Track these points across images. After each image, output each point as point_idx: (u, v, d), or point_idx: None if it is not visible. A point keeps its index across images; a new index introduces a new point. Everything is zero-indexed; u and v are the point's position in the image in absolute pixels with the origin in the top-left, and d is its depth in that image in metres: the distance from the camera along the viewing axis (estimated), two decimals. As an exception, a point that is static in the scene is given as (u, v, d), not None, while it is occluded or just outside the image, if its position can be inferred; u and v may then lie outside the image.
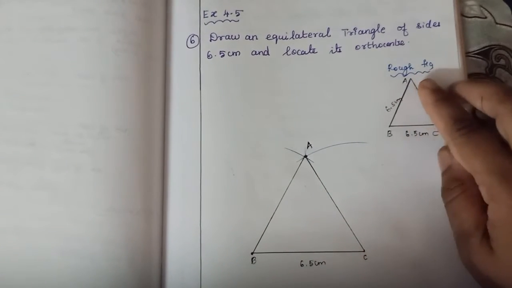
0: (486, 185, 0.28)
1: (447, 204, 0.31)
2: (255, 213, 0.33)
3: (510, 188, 0.27)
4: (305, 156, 0.34)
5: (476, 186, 0.29)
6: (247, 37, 0.36)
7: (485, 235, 0.28)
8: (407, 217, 0.33)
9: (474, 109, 0.32)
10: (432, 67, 0.35)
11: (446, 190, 0.31)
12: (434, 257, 0.32)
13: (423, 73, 0.35)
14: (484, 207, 0.29)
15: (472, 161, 0.29)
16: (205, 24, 0.36)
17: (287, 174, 0.34)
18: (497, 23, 0.36)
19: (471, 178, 0.29)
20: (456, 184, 0.30)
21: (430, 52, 0.35)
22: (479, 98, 0.30)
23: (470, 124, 0.30)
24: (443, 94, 0.32)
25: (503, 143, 0.29)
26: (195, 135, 0.35)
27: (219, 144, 0.35)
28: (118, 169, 0.33)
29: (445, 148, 0.32)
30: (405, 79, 0.35)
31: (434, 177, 0.32)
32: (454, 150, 0.30)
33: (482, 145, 0.29)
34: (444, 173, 0.32)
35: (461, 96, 0.32)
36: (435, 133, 0.34)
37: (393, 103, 0.34)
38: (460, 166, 0.30)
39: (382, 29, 0.36)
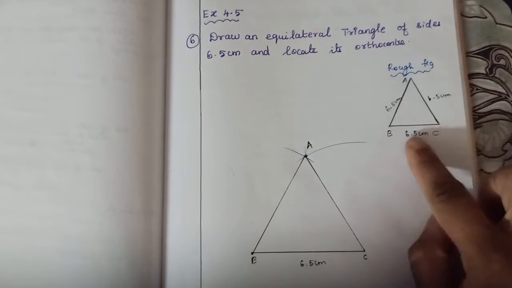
0: (466, 255, 0.27)
1: (411, 265, 0.30)
2: (255, 213, 0.33)
3: (487, 262, 0.25)
4: (305, 156, 0.34)
5: (441, 248, 0.29)
6: (247, 37, 0.36)
7: None
8: (407, 217, 0.33)
9: None
10: (433, 67, 0.35)
11: (410, 250, 0.31)
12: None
13: (423, 72, 0.35)
14: (448, 270, 0.28)
15: (451, 228, 0.28)
16: (205, 24, 0.36)
17: (287, 174, 0.34)
18: (497, 23, 0.36)
19: (439, 242, 0.29)
20: (420, 246, 0.30)
21: (430, 51, 0.35)
22: (501, 186, 0.29)
23: (451, 188, 0.29)
24: (428, 156, 0.32)
25: (491, 208, 0.28)
26: (195, 135, 0.35)
27: (219, 144, 0.35)
28: (118, 169, 0.33)
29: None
30: (405, 78, 0.35)
31: (434, 177, 0.32)
32: (436, 216, 0.29)
33: (461, 212, 0.27)
34: (422, 233, 0.31)
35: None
36: (435, 133, 0.34)
37: (393, 103, 0.34)
38: (433, 230, 0.30)
39: (382, 29, 0.36)
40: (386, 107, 0.34)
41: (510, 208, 0.27)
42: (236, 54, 0.36)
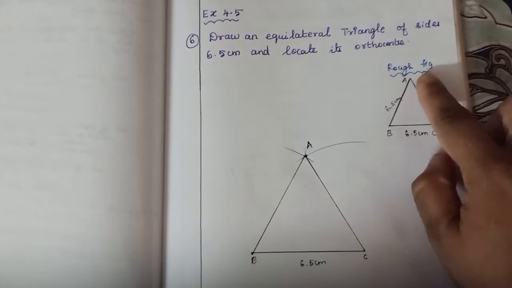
0: (466, 170, 0.28)
1: (415, 196, 0.31)
2: (255, 213, 0.33)
3: (488, 171, 0.26)
4: (305, 156, 0.34)
5: (444, 176, 0.30)
6: (247, 37, 0.36)
7: (454, 221, 0.28)
8: (407, 217, 0.33)
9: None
10: (432, 67, 0.35)
11: (413, 183, 0.31)
12: (434, 256, 0.32)
13: (422, 72, 0.35)
14: (453, 196, 0.29)
15: (455, 148, 0.29)
16: (205, 24, 0.36)
17: (287, 174, 0.34)
18: (497, 23, 0.36)
19: (443, 171, 0.30)
20: (423, 176, 0.31)
21: (430, 51, 0.35)
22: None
23: (456, 112, 0.30)
24: (437, 87, 0.33)
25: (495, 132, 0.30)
26: (195, 135, 0.35)
27: (219, 143, 0.35)
28: (118, 169, 0.33)
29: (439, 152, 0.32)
30: (404, 78, 0.35)
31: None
32: (440, 139, 0.30)
33: (465, 131, 0.29)
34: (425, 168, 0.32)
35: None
36: (434, 133, 0.34)
37: (393, 102, 0.34)
38: (436, 162, 0.31)
39: (381, 29, 0.36)
40: (385, 107, 0.34)
41: (510, 128, 0.29)
42: (236, 54, 0.36)
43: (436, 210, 0.29)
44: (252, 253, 0.33)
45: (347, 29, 0.36)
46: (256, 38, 0.36)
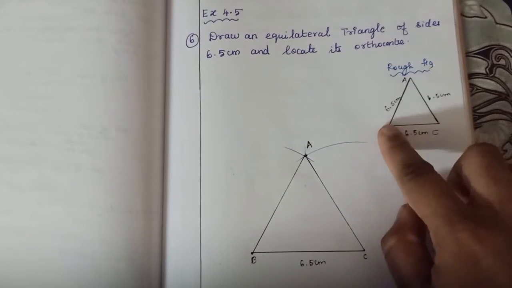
0: (433, 229, 0.26)
1: (385, 254, 0.30)
2: (255, 212, 0.33)
3: (455, 232, 0.25)
4: (305, 156, 0.34)
5: (413, 233, 0.29)
6: (247, 36, 0.36)
7: (426, 284, 0.27)
8: (407, 217, 0.33)
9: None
10: (432, 66, 0.35)
11: (382, 240, 0.30)
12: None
13: (422, 72, 0.35)
14: (423, 255, 0.28)
15: (419, 205, 0.27)
16: (205, 23, 0.36)
17: (287, 174, 0.34)
18: (497, 23, 0.36)
19: (411, 227, 0.29)
20: (392, 233, 0.30)
21: (430, 51, 0.35)
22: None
23: (418, 168, 0.29)
24: (398, 141, 0.32)
25: (457, 186, 0.29)
26: (195, 135, 0.35)
27: (219, 143, 0.35)
28: (118, 169, 0.33)
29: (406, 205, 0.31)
30: (404, 78, 0.35)
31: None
32: (405, 197, 0.29)
33: (428, 188, 0.27)
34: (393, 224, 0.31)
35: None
36: (434, 132, 0.34)
37: (393, 102, 0.34)
38: (405, 217, 0.30)
39: (381, 29, 0.36)
40: (385, 106, 0.34)
41: (471, 180, 0.27)
42: (235, 54, 0.36)
43: (407, 272, 0.28)
44: (252, 252, 0.33)
45: (347, 29, 0.36)
46: (256, 37, 0.36)
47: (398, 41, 0.35)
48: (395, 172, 0.30)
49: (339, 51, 0.36)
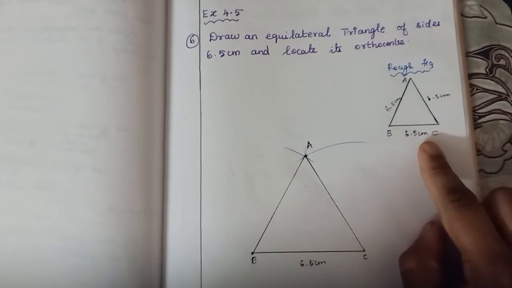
0: (472, 264, 0.27)
1: (403, 272, 0.30)
2: (255, 213, 0.33)
3: (495, 273, 0.26)
4: (305, 156, 0.34)
5: (435, 260, 0.29)
6: (247, 37, 0.36)
7: None
8: (407, 217, 0.33)
9: None
10: (432, 67, 0.35)
11: (402, 257, 0.31)
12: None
13: (423, 72, 0.35)
14: (441, 283, 0.28)
15: (462, 238, 0.28)
16: (205, 24, 0.36)
17: (287, 174, 0.34)
18: (497, 23, 0.36)
19: (434, 252, 0.29)
20: (414, 254, 0.30)
21: (430, 51, 0.35)
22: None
23: (464, 196, 0.29)
24: (441, 162, 0.32)
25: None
26: (195, 135, 0.35)
27: (219, 143, 0.35)
28: (118, 169, 0.33)
29: (432, 223, 0.32)
30: (404, 78, 0.35)
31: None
32: (445, 221, 0.29)
33: (474, 223, 0.28)
34: (416, 241, 0.32)
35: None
36: (434, 133, 0.34)
37: (393, 102, 0.34)
38: (429, 239, 0.30)
39: (381, 29, 0.36)
40: (385, 107, 0.34)
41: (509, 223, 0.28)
42: (236, 54, 0.36)
43: None
44: (252, 253, 0.33)
45: (347, 29, 0.36)
46: (256, 38, 0.36)
47: (398, 41, 0.35)
48: (438, 195, 0.30)
49: (339, 51, 0.36)
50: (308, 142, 0.34)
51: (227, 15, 0.36)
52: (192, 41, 0.36)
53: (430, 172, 0.31)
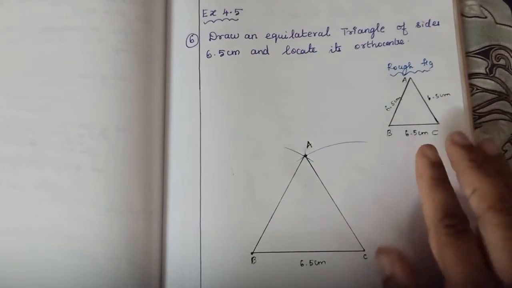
0: None
1: None
2: (255, 213, 0.33)
3: None
4: (305, 156, 0.34)
5: None
6: (247, 36, 0.36)
7: None
8: (407, 217, 0.33)
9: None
10: (432, 66, 0.35)
11: None
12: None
13: (422, 72, 0.35)
14: None
15: (450, 267, 0.27)
16: (205, 23, 0.36)
17: (287, 174, 0.34)
18: (497, 23, 0.36)
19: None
20: None
21: (430, 51, 0.35)
22: (471, 188, 0.28)
23: (459, 223, 0.28)
24: (441, 174, 0.29)
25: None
26: (195, 135, 0.35)
27: (219, 143, 0.35)
28: (118, 169, 0.33)
29: (385, 253, 0.31)
30: (404, 78, 0.35)
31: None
32: (434, 244, 0.28)
33: (465, 254, 0.27)
34: (384, 282, 0.30)
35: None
36: (434, 132, 0.34)
37: (393, 102, 0.34)
38: (403, 276, 0.29)
39: (381, 28, 0.36)
40: (385, 106, 0.34)
41: (494, 251, 0.27)
42: (235, 54, 0.36)
43: None
44: (252, 253, 0.33)
45: (346, 29, 0.36)
46: (256, 37, 0.36)
47: (398, 41, 0.35)
48: (433, 212, 0.28)
49: (339, 51, 0.36)
50: (308, 142, 0.34)
51: (226, 15, 0.36)
52: (192, 41, 0.36)
53: (429, 182, 0.29)
